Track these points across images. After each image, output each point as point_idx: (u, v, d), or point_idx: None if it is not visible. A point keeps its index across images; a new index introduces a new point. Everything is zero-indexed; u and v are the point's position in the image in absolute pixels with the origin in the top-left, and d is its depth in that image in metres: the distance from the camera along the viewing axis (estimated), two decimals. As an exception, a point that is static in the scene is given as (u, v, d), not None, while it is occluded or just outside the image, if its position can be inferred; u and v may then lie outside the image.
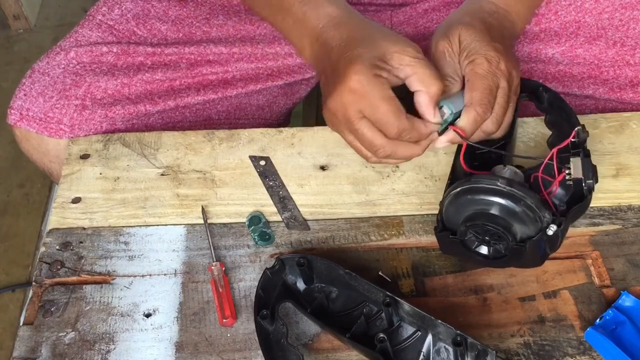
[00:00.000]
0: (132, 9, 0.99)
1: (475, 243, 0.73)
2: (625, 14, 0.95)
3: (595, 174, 0.73)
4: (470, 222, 0.71)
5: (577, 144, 0.74)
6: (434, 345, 0.70)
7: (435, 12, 1.00)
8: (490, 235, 0.71)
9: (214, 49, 0.97)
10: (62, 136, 0.92)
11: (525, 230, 0.70)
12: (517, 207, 0.69)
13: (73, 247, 0.80)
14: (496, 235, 0.71)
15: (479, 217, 0.70)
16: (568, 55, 0.96)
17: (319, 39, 0.78)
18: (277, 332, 0.70)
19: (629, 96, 0.95)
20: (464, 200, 0.71)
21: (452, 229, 0.73)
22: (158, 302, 0.76)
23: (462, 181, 0.71)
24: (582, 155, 0.73)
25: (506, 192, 0.69)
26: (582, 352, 0.70)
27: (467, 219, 0.71)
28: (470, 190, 0.70)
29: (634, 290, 0.74)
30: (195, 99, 0.97)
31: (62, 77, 0.93)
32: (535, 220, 0.69)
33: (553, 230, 0.69)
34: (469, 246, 0.73)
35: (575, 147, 0.74)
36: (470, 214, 0.71)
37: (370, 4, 1.02)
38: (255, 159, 0.88)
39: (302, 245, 0.80)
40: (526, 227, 0.70)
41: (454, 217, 0.73)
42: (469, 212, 0.71)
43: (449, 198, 0.72)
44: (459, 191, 0.71)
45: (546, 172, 0.74)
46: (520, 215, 0.69)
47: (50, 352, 0.72)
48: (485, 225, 0.70)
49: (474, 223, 0.71)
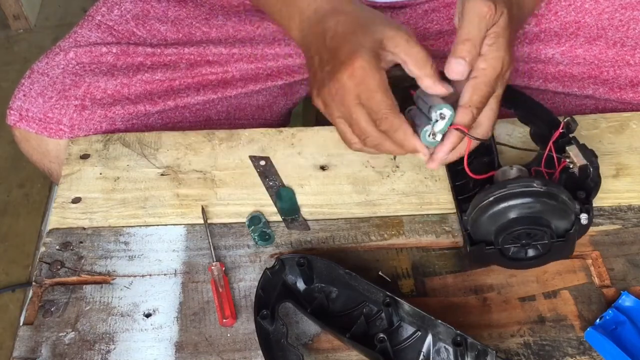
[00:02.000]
0: (131, 9, 0.99)
1: (512, 249, 0.73)
2: (625, 14, 0.95)
3: (595, 155, 0.74)
4: (510, 229, 0.70)
5: (566, 134, 0.75)
6: (434, 345, 0.70)
7: (435, 13, 1.00)
8: (530, 238, 0.71)
9: (213, 49, 0.97)
10: (62, 136, 0.92)
11: (560, 225, 0.71)
12: (556, 204, 0.69)
13: (73, 247, 0.80)
14: (536, 237, 0.71)
15: (520, 222, 0.70)
16: (568, 56, 0.96)
17: (311, 21, 0.77)
18: (277, 332, 0.70)
19: (629, 96, 0.95)
20: (498, 209, 0.70)
21: (481, 239, 0.73)
22: (158, 302, 0.76)
23: (490, 190, 0.70)
24: (576, 142, 0.74)
25: (544, 191, 0.69)
26: (582, 352, 0.70)
27: (504, 227, 0.71)
28: (507, 196, 0.69)
29: (634, 290, 0.74)
30: (194, 99, 0.97)
31: (62, 77, 0.93)
32: (570, 213, 0.70)
33: (585, 218, 0.71)
34: (505, 253, 0.73)
35: (562, 137, 0.75)
36: (508, 221, 0.70)
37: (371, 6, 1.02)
38: (255, 159, 0.88)
39: (302, 245, 0.80)
40: (563, 221, 0.71)
41: (487, 227, 0.72)
42: (505, 219, 0.70)
43: (480, 210, 0.71)
44: (493, 200, 0.70)
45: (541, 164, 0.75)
46: (558, 212, 0.70)
47: (50, 352, 0.72)
48: (527, 228, 0.70)
49: (515, 229, 0.70)
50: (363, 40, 0.71)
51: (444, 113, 0.69)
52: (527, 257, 0.73)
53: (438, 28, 1.00)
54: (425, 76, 0.70)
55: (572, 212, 0.71)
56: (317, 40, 0.76)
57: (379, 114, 0.70)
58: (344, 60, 0.70)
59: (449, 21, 1.00)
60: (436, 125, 0.70)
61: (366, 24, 0.73)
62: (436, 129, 0.70)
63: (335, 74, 0.71)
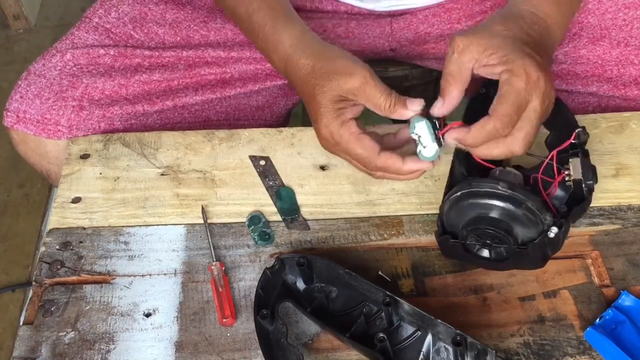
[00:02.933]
0: (129, 12, 0.98)
1: (477, 246, 0.73)
2: (628, 14, 0.95)
3: (595, 174, 0.73)
4: (472, 226, 0.71)
5: (577, 144, 0.74)
6: (434, 345, 0.70)
7: (436, 18, 1.00)
8: (491, 239, 0.71)
9: (212, 52, 0.97)
10: (60, 137, 0.92)
11: (526, 233, 0.70)
12: (518, 210, 0.69)
13: (73, 247, 0.80)
14: (497, 239, 0.71)
15: (480, 221, 0.70)
16: (572, 56, 0.96)
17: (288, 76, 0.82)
18: (276, 331, 0.70)
19: (634, 93, 0.95)
20: (464, 205, 0.71)
21: (453, 232, 0.73)
22: (158, 301, 0.76)
23: (462, 185, 0.71)
24: (582, 156, 0.73)
25: (507, 195, 0.69)
26: (582, 352, 0.70)
27: (468, 223, 0.71)
28: (471, 194, 0.70)
29: (633, 289, 0.74)
30: (193, 99, 0.97)
31: (59, 78, 0.93)
32: (537, 222, 0.69)
33: (554, 232, 0.69)
34: (470, 249, 0.73)
35: (574, 148, 0.74)
36: (472, 218, 0.71)
37: (370, 14, 1.02)
38: (255, 158, 0.88)
39: (302, 245, 0.80)
40: (527, 230, 0.70)
41: (455, 220, 0.72)
42: (470, 216, 0.71)
43: (450, 202, 0.72)
44: (460, 195, 0.71)
45: (545, 173, 0.74)
46: (521, 219, 0.69)
47: (50, 352, 0.72)
48: (487, 229, 0.70)
49: (476, 227, 0.71)
50: (321, 102, 0.75)
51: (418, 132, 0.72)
52: (489, 257, 0.73)
53: (438, 32, 1.00)
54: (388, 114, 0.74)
55: (540, 222, 0.69)
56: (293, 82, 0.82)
57: (363, 162, 0.76)
58: (315, 121, 0.77)
59: (450, 25, 1.00)
60: (421, 141, 0.73)
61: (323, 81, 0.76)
62: (424, 144, 0.73)
63: (317, 131, 0.78)
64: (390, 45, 1.03)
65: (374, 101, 0.74)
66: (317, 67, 0.77)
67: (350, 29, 1.01)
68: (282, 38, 0.82)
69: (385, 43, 1.02)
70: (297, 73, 0.80)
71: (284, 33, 0.83)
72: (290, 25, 0.83)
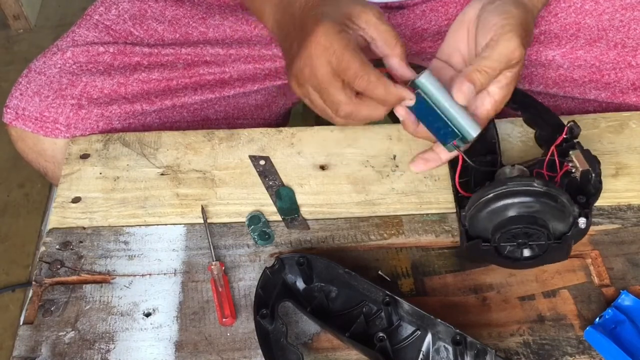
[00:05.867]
0: (129, 9, 0.99)
1: (508, 247, 0.72)
2: (625, 15, 0.95)
3: (599, 162, 0.74)
4: (508, 226, 0.70)
5: (570, 138, 0.75)
6: (434, 345, 0.70)
7: (433, 13, 1.00)
8: (527, 237, 0.71)
9: (210, 50, 0.97)
10: (57, 135, 0.92)
11: (559, 227, 0.71)
12: (555, 205, 0.69)
13: (73, 247, 0.80)
14: (534, 236, 0.70)
15: (517, 221, 0.70)
16: (569, 58, 0.96)
17: (283, 3, 0.77)
18: (276, 331, 0.70)
19: (632, 100, 0.95)
20: (498, 206, 0.70)
21: (478, 236, 0.72)
22: (158, 301, 0.76)
23: (490, 187, 0.70)
24: (580, 148, 0.74)
25: (544, 192, 0.69)
26: (582, 352, 0.70)
27: (502, 225, 0.70)
28: (506, 194, 0.69)
29: (633, 289, 0.74)
30: (192, 98, 0.97)
31: (59, 76, 0.93)
32: (568, 215, 0.70)
33: (583, 222, 0.70)
34: (501, 252, 0.73)
35: (566, 142, 0.75)
36: (506, 219, 0.70)
37: None
38: (255, 158, 0.88)
39: (301, 245, 0.80)
40: (561, 224, 0.71)
41: (485, 223, 0.71)
42: (504, 217, 0.70)
43: (478, 206, 0.71)
44: (492, 197, 0.70)
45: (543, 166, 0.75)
46: (556, 213, 0.70)
47: (50, 352, 0.72)
48: (526, 227, 0.70)
49: (513, 227, 0.70)
50: (328, 11, 0.71)
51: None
52: (522, 257, 0.73)
53: (436, 28, 1.00)
54: (394, 55, 0.72)
55: (571, 214, 0.70)
56: (289, 23, 0.76)
57: (352, 74, 0.68)
58: (309, 31, 0.70)
59: (447, 22, 0.99)
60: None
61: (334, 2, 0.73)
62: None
63: (302, 48, 0.70)
64: None
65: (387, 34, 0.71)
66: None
67: None
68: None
69: None
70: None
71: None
72: None
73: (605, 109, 0.97)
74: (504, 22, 0.72)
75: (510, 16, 0.72)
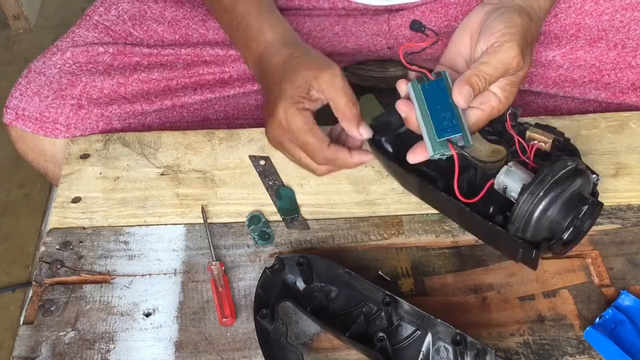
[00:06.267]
0: (128, 9, 0.99)
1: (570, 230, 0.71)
2: (625, 16, 0.95)
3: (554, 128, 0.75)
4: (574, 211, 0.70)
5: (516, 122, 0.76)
6: (434, 345, 0.70)
7: (433, 14, 1.00)
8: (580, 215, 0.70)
9: (210, 51, 0.97)
10: (57, 135, 0.92)
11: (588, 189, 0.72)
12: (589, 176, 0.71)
13: (73, 247, 0.80)
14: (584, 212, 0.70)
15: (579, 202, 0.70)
16: (569, 58, 0.96)
17: (258, 66, 0.84)
18: (276, 331, 0.70)
19: (632, 100, 0.95)
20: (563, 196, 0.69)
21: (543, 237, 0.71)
22: (158, 301, 0.76)
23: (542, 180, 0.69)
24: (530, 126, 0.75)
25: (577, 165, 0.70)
26: (582, 352, 0.70)
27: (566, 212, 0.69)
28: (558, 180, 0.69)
29: (633, 289, 0.74)
30: (192, 98, 0.97)
31: (58, 76, 0.93)
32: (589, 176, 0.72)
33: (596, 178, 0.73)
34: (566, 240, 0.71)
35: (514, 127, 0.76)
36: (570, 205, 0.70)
37: (367, 9, 1.02)
38: (255, 158, 0.88)
39: (301, 245, 0.80)
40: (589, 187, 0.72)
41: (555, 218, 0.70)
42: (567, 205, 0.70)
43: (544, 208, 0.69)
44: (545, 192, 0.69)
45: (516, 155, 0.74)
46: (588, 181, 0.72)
47: (50, 352, 0.72)
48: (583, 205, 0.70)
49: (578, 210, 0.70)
50: (285, 88, 0.77)
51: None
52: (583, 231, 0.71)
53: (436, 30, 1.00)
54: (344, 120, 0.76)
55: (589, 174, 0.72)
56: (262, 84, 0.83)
57: (310, 151, 0.76)
58: (271, 110, 0.77)
59: (447, 23, 0.99)
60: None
61: (292, 70, 0.78)
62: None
63: (269, 123, 0.78)
64: (388, 43, 1.03)
65: (338, 99, 0.75)
66: (294, 56, 0.80)
67: (347, 27, 1.01)
68: (264, 27, 0.85)
69: (383, 41, 1.02)
70: (271, 60, 0.81)
71: (268, 23, 0.85)
72: (274, 18, 0.87)
73: (605, 109, 0.97)
74: (506, 30, 0.73)
75: (514, 24, 0.73)
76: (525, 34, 0.74)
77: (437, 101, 0.71)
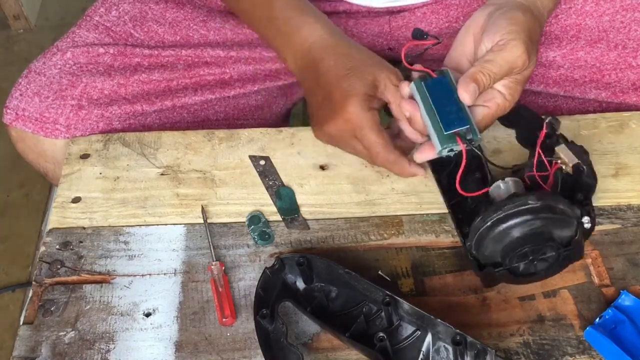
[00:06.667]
0: (129, 10, 0.99)
1: (522, 266, 0.70)
2: (626, 16, 0.95)
3: (587, 152, 0.73)
4: (515, 249, 0.68)
5: (552, 134, 0.74)
6: (434, 345, 0.70)
7: (434, 15, 1.00)
8: (537, 253, 0.69)
9: (211, 52, 0.97)
10: (58, 136, 0.92)
11: (565, 233, 0.69)
12: (556, 215, 0.68)
13: (73, 247, 0.80)
14: (543, 250, 0.69)
15: (522, 242, 0.68)
16: (569, 59, 0.96)
17: (305, 58, 0.82)
18: (276, 331, 0.70)
19: (633, 100, 0.95)
20: (499, 232, 0.68)
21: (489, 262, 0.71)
22: (158, 301, 0.76)
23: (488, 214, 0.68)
24: (564, 142, 0.74)
25: (541, 206, 0.67)
26: (582, 352, 0.70)
27: (508, 248, 0.69)
28: (504, 218, 0.68)
29: (633, 289, 0.74)
30: (192, 99, 0.97)
31: (59, 77, 0.93)
32: (571, 220, 0.69)
33: (588, 222, 0.70)
34: (515, 272, 0.71)
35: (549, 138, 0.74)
36: (511, 242, 0.68)
37: (369, 11, 1.02)
38: (255, 158, 0.88)
39: (301, 245, 0.80)
40: (566, 230, 0.69)
41: (491, 250, 0.70)
42: (507, 241, 0.69)
43: (480, 235, 0.69)
44: (491, 224, 0.68)
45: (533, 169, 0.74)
46: (559, 223, 0.68)
47: (50, 352, 0.72)
48: (533, 246, 0.68)
49: (519, 249, 0.68)
50: (355, 84, 0.77)
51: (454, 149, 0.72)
52: (538, 270, 0.71)
53: (437, 31, 1.00)
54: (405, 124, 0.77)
55: (574, 218, 0.69)
56: (311, 77, 0.82)
57: (373, 152, 0.78)
58: (338, 105, 0.77)
59: (448, 24, 1.00)
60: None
61: (358, 66, 0.78)
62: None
63: (332, 118, 0.78)
64: (389, 44, 1.03)
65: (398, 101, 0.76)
66: (356, 51, 0.80)
67: (348, 28, 1.01)
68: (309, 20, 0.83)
69: (384, 42, 1.03)
70: (330, 53, 0.80)
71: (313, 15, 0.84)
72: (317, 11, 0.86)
73: (606, 109, 0.97)
74: (511, 28, 0.73)
75: (518, 22, 0.73)
76: (530, 32, 0.74)
77: (441, 97, 0.71)
